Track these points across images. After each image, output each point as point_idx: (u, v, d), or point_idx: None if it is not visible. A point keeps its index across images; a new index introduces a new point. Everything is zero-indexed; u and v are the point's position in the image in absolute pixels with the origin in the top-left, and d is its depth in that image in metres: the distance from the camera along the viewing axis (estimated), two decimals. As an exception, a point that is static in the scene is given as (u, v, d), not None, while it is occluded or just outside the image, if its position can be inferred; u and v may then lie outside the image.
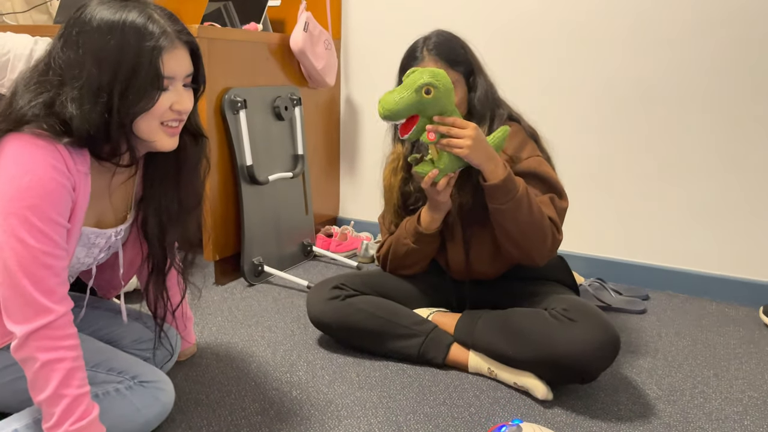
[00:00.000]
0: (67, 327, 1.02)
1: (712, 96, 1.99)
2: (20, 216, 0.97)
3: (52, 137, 0.99)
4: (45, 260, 0.99)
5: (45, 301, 0.99)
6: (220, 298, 1.97)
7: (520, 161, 1.46)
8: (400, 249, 1.58)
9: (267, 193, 2.15)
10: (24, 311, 0.98)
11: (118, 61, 0.98)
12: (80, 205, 1.05)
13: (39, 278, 0.98)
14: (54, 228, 1.00)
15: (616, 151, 2.15)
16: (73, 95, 0.99)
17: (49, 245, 0.99)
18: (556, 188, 1.46)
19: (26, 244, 0.97)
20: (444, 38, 1.49)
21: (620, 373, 1.54)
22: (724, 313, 1.97)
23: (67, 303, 1.02)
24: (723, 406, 1.40)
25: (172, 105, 1.05)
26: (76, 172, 1.02)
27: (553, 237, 1.41)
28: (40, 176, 0.97)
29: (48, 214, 0.98)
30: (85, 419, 1.02)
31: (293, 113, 2.25)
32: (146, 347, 1.37)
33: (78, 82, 0.99)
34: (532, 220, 1.36)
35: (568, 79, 2.17)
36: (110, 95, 0.99)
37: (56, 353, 0.99)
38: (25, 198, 0.97)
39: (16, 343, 0.99)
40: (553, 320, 1.36)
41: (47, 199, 0.98)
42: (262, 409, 1.33)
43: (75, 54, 0.99)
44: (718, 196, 2.04)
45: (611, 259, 2.22)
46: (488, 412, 1.34)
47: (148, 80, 1.00)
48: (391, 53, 2.45)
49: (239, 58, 2.03)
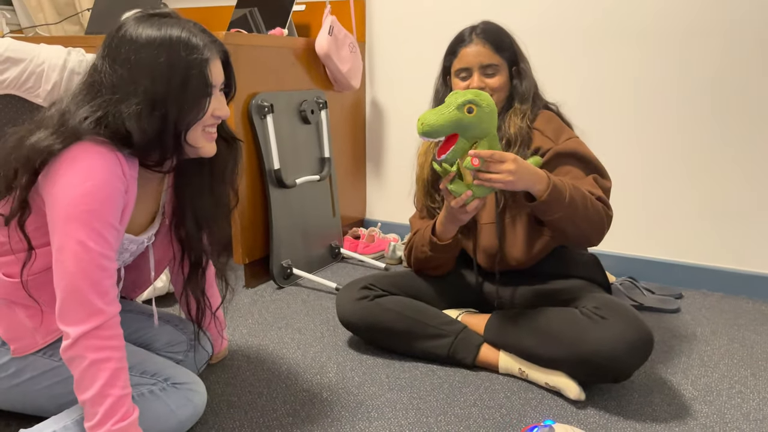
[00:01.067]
0: (116, 327, 1.05)
1: (734, 89, 1.94)
2: (82, 220, 1.00)
3: (111, 145, 1.03)
4: (102, 263, 1.02)
5: (99, 303, 1.02)
6: (250, 300, 1.99)
7: (558, 142, 1.46)
8: (419, 255, 1.58)
9: (294, 197, 2.16)
10: (79, 312, 1.01)
11: (170, 74, 1.04)
12: (129, 208, 1.09)
13: (96, 280, 1.02)
14: (110, 231, 1.03)
15: (647, 148, 2.12)
16: (131, 110, 1.03)
17: (107, 248, 1.03)
18: (598, 168, 1.45)
19: (87, 247, 1.00)
20: (492, 26, 1.53)
21: (654, 373, 1.51)
22: (760, 311, 1.92)
23: (117, 304, 1.06)
24: (761, 406, 1.37)
25: (213, 111, 1.11)
26: (129, 177, 1.06)
27: (606, 216, 1.39)
28: (100, 181, 1.01)
29: (107, 218, 1.02)
30: (127, 420, 1.04)
31: (319, 117, 2.26)
32: (178, 350, 1.39)
33: (135, 98, 1.03)
34: (587, 214, 1.34)
35: (593, 78, 2.15)
36: (166, 107, 1.04)
37: (104, 353, 1.02)
38: (86, 203, 1.00)
39: (68, 343, 1.01)
40: (584, 318, 1.34)
41: (107, 204, 1.02)
42: (293, 410, 1.34)
43: (127, 72, 1.04)
44: (752, 192, 1.99)
45: (643, 258, 2.19)
46: (519, 413, 1.33)
47: (200, 90, 1.06)
48: (416, 55, 2.46)
49: (265, 63, 2.05)
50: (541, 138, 1.48)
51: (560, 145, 1.45)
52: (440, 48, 1.57)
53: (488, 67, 1.48)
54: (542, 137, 1.47)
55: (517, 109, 1.51)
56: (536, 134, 1.48)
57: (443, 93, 1.57)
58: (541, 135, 1.48)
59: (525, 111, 1.50)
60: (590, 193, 1.37)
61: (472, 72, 1.49)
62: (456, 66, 1.51)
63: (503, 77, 1.50)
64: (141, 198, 1.17)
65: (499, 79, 1.49)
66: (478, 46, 1.48)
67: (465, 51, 1.49)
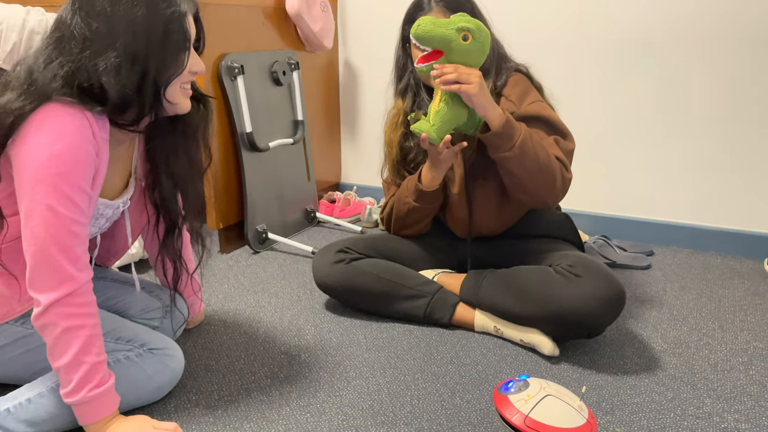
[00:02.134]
0: (89, 294, 1.03)
1: (716, 47, 1.95)
2: (50, 184, 0.97)
3: (81, 105, 0.99)
4: (73, 228, 1.00)
5: (71, 269, 1.00)
6: (225, 266, 1.97)
7: (522, 106, 1.45)
8: (401, 208, 1.58)
9: (268, 160, 2.14)
10: (49, 279, 0.99)
11: (151, 28, 1.00)
12: (101, 172, 1.06)
13: (67, 246, 0.99)
14: (81, 195, 1.01)
15: (618, 107, 2.12)
16: (108, 64, 0.99)
17: (77, 213, 1.00)
18: (560, 130, 1.44)
19: (56, 212, 0.98)
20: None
21: (626, 327, 1.55)
22: (728, 266, 1.97)
23: (89, 270, 1.04)
24: (728, 357, 1.41)
25: (191, 67, 1.08)
26: (100, 139, 1.03)
27: (562, 176, 1.39)
28: (69, 144, 0.98)
29: (77, 182, 0.99)
30: (103, 386, 1.03)
31: (291, 78, 2.22)
32: (153, 316, 1.38)
33: (114, 52, 0.99)
34: (538, 162, 1.35)
35: (568, 34, 2.13)
36: (147, 62, 1.01)
37: (77, 320, 1.01)
38: (55, 165, 0.97)
39: (39, 311, 1.00)
40: (558, 276, 1.36)
41: (76, 167, 0.99)
42: (272, 373, 1.35)
43: (103, 24, 0.99)
44: (721, 149, 2.02)
45: (615, 216, 2.22)
46: (495, 370, 1.35)
47: (179, 44, 1.04)
48: (390, 13, 2.41)
49: (235, 22, 2.00)
50: (505, 103, 1.46)
51: (523, 108, 1.44)
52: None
53: None
54: (506, 102, 1.46)
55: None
56: (502, 100, 1.46)
57: (404, 62, 1.55)
58: (505, 100, 1.46)
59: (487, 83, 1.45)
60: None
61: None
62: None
63: None
64: (113, 161, 1.14)
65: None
66: (437, 14, 1.43)
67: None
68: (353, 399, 1.25)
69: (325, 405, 1.23)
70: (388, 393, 1.27)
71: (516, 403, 1.16)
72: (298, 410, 1.21)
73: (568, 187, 1.42)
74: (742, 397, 1.25)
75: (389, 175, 1.64)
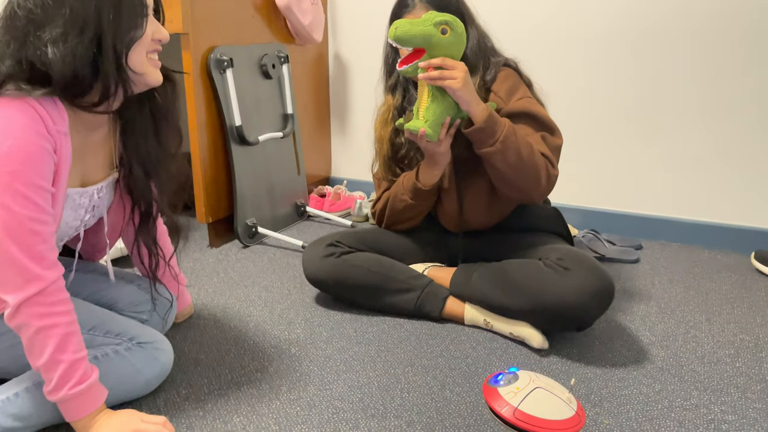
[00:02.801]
0: (59, 293, 1.01)
1: (702, 43, 1.96)
2: (3, 183, 0.94)
3: (28, 95, 0.95)
4: (32, 226, 0.97)
5: (35, 268, 0.97)
6: (215, 260, 1.97)
7: (509, 103, 1.45)
8: (397, 205, 1.58)
9: (258, 154, 2.13)
10: (15, 280, 0.97)
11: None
12: (63, 167, 1.02)
13: (27, 245, 0.97)
14: (38, 193, 0.98)
15: (607, 102, 2.13)
16: (54, 33, 0.95)
17: (35, 211, 0.97)
18: (548, 126, 1.44)
19: (11, 211, 0.95)
20: None
21: (614, 320, 1.56)
22: (716, 259, 1.99)
23: (58, 269, 1.01)
24: (715, 349, 1.42)
25: (153, 35, 1.04)
26: (56, 133, 0.99)
27: (548, 172, 1.39)
28: (20, 141, 0.95)
29: (31, 179, 0.96)
30: (84, 383, 1.02)
31: (281, 71, 2.21)
32: (142, 309, 1.37)
33: (60, 19, 0.95)
34: (521, 157, 1.35)
35: (555, 28, 2.14)
36: (100, 29, 0.97)
37: (50, 319, 0.99)
38: (6, 164, 0.94)
39: (9, 312, 0.98)
40: (547, 269, 1.37)
41: (29, 164, 0.96)
42: (262, 366, 1.34)
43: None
44: (709, 144, 2.03)
45: (604, 210, 2.23)
46: (485, 362, 1.36)
47: (135, 8, 0.99)
48: (379, 7, 2.40)
49: (224, 15, 1.98)
50: (494, 98, 1.46)
51: (511, 104, 1.44)
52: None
53: None
54: (495, 97, 1.46)
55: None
56: (491, 96, 1.46)
57: (393, 58, 1.54)
58: (494, 96, 1.46)
59: (475, 78, 1.45)
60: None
61: None
62: None
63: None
64: (85, 151, 1.12)
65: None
66: (421, 12, 1.42)
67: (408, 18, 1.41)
68: (343, 392, 1.25)
69: (315, 398, 1.23)
70: (378, 386, 1.27)
71: (505, 396, 1.16)
72: (288, 404, 1.21)
73: (554, 183, 1.43)
74: (729, 388, 1.26)
75: (380, 171, 1.64)
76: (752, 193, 2.02)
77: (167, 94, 1.17)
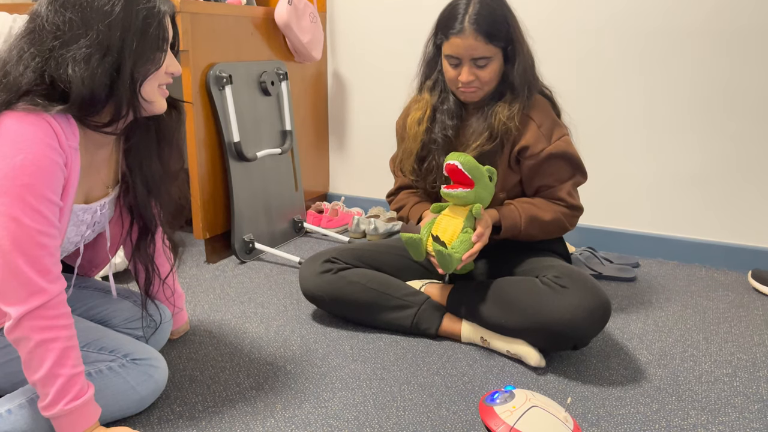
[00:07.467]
0: (61, 306, 1.01)
1: (696, 62, 1.98)
2: (14, 195, 0.95)
3: (44, 110, 0.97)
4: (40, 239, 0.98)
5: (40, 281, 0.98)
6: (211, 276, 1.96)
7: (551, 142, 1.48)
8: (402, 215, 1.66)
9: (256, 170, 2.13)
10: (19, 292, 0.97)
11: (128, 21, 1.00)
12: (72, 182, 1.04)
13: (34, 258, 0.97)
14: (48, 206, 0.99)
15: (603, 121, 2.14)
16: (78, 54, 0.98)
17: (44, 224, 0.98)
18: (580, 167, 1.52)
19: (21, 224, 0.96)
20: (488, 9, 1.41)
21: (611, 339, 1.55)
22: (713, 278, 1.98)
23: (61, 282, 1.02)
24: (713, 368, 1.42)
25: (167, 68, 1.08)
26: (68, 148, 1.01)
27: (569, 222, 1.52)
28: (33, 154, 0.96)
29: (42, 193, 0.97)
30: (80, 399, 1.02)
31: (280, 88, 2.22)
32: (137, 326, 1.36)
33: (86, 40, 0.98)
34: (545, 226, 1.49)
35: (551, 44, 2.15)
36: (122, 56, 1.00)
37: (50, 333, 0.99)
38: (18, 177, 0.95)
39: (11, 325, 0.98)
40: (544, 287, 1.37)
41: (41, 178, 0.97)
42: (257, 384, 1.33)
43: (77, 15, 0.98)
44: (706, 162, 2.04)
45: (601, 228, 2.23)
46: (482, 380, 1.35)
47: (157, 41, 1.03)
48: (378, 25, 2.42)
49: (223, 32, 2.00)
50: (536, 133, 1.47)
51: (552, 145, 1.47)
52: (403, 17, 1.56)
53: (479, 59, 1.42)
54: (538, 133, 1.47)
55: (506, 103, 1.47)
56: (531, 126, 1.47)
57: (435, 58, 1.53)
58: (536, 129, 1.47)
59: (513, 109, 1.46)
60: (562, 202, 1.50)
61: (462, 62, 1.43)
62: (446, 50, 1.44)
63: (495, 65, 1.44)
64: (91, 168, 1.13)
65: (491, 70, 1.43)
66: (469, 39, 1.39)
67: (456, 41, 1.41)
68: (339, 410, 1.24)
69: (310, 416, 1.22)
70: (374, 404, 1.26)
71: (501, 414, 1.15)
72: (284, 422, 1.20)
73: (576, 222, 1.55)
74: (727, 408, 1.26)
75: (399, 163, 1.63)
76: (750, 211, 2.02)
77: (172, 119, 1.21)
